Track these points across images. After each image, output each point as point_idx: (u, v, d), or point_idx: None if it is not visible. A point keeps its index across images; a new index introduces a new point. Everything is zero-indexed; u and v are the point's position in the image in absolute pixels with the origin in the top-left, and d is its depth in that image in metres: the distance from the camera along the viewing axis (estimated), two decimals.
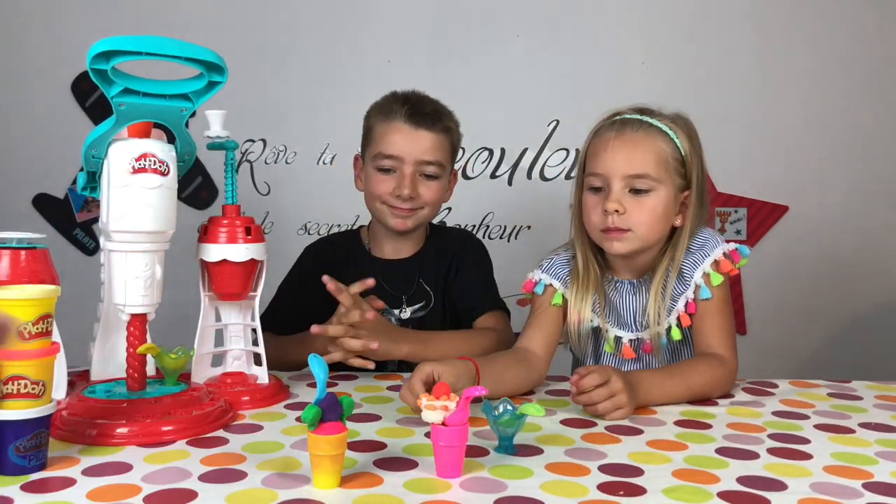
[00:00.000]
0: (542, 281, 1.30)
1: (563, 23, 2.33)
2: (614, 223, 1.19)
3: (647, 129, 1.22)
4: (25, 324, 0.77)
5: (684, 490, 0.77)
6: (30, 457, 0.78)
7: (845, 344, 2.36)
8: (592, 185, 1.23)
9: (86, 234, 2.36)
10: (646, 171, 1.19)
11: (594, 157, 1.23)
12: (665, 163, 1.20)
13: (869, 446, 0.93)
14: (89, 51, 0.86)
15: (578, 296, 1.27)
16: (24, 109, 2.33)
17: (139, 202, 0.93)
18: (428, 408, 0.81)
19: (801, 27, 2.32)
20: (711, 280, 1.20)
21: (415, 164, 1.38)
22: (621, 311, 1.28)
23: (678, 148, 1.22)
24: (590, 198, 1.23)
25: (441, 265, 1.47)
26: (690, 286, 1.21)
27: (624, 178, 1.19)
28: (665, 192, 1.20)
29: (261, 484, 0.77)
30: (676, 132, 1.22)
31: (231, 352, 1.16)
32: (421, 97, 1.42)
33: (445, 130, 1.40)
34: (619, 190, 1.19)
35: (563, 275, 1.30)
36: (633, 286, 1.28)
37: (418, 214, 1.41)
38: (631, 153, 1.20)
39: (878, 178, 2.35)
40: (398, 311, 1.43)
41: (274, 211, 2.37)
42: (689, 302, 1.21)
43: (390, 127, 1.38)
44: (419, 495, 0.74)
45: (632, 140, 1.20)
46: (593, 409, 1.02)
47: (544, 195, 2.35)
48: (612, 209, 1.18)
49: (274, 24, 2.33)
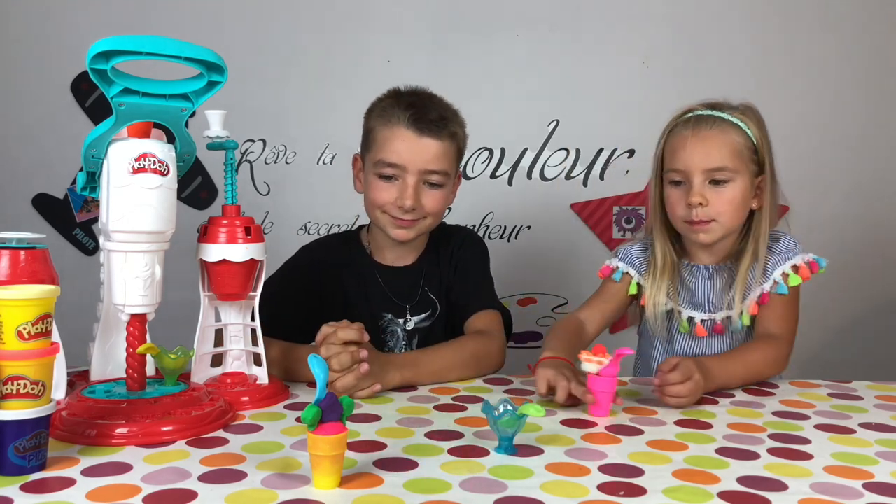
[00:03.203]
0: (620, 269, 1.40)
1: (563, 23, 2.33)
2: (698, 215, 1.29)
3: (720, 124, 1.30)
4: (25, 324, 0.76)
5: (684, 490, 0.77)
6: (29, 457, 0.78)
7: (845, 344, 2.36)
8: (673, 180, 1.33)
9: (85, 234, 2.36)
10: (723, 164, 1.28)
11: (673, 154, 1.32)
12: (739, 153, 1.30)
13: (869, 446, 0.93)
14: (89, 51, 0.86)
15: (654, 284, 1.37)
16: (24, 109, 2.33)
17: (139, 202, 0.93)
18: (586, 360, 1.04)
19: (799, 27, 2.32)
20: (790, 280, 1.31)
21: (418, 174, 1.31)
22: (696, 294, 1.38)
23: (750, 137, 1.31)
24: (673, 192, 1.33)
25: (443, 269, 1.43)
26: (769, 281, 1.32)
27: (703, 171, 1.29)
28: (742, 180, 1.30)
29: (260, 484, 0.77)
30: (747, 123, 1.31)
31: (231, 352, 1.15)
32: (425, 100, 1.35)
33: (451, 136, 1.34)
34: (700, 183, 1.29)
35: (639, 263, 1.41)
36: (709, 270, 1.37)
37: (421, 224, 1.36)
38: (707, 148, 1.29)
39: (877, 177, 2.35)
40: (403, 321, 1.39)
41: (274, 211, 2.37)
42: (764, 294, 1.32)
43: (393, 133, 1.31)
44: (419, 495, 0.74)
45: (707, 136, 1.29)
46: (676, 402, 1.08)
47: (544, 195, 2.35)
48: (695, 202, 1.28)
49: (274, 25, 2.34)
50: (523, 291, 2.32)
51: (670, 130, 1.34)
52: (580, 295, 2.37)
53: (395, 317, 1.39)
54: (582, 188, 2.35)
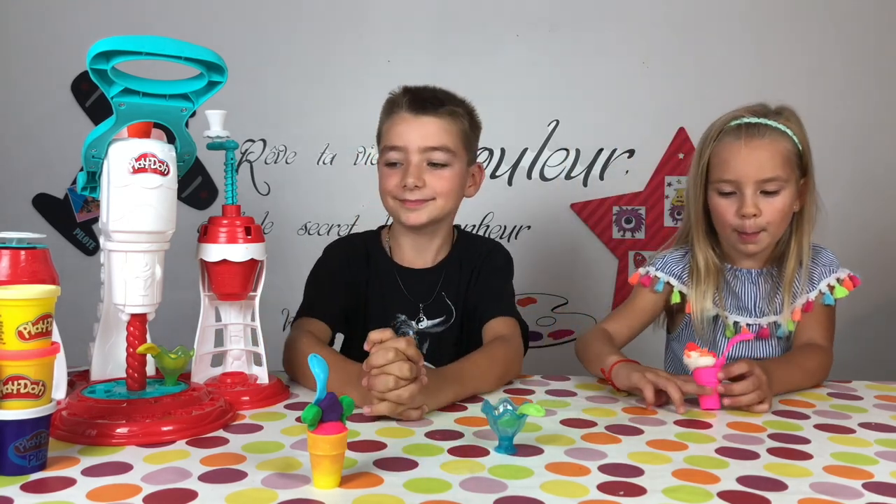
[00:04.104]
0: (661, 279, 1.39)
1: (563, 23, 2.33)
2: (751, 226, 1.29)
3: (770, 134, 1.30)
4: (25, 324, 0.76)
5: (684, 490, 0.77)
6: (30, 457, 0.78)
7: (845, 344, 2.35)
8: (723, 191, 1.32)
9: (86, 234, 2.36)
10: (775, 174, 1.28)
11: (724, 164, 1.31)
12: (789, 161, 1.30)
13: (869, 446, 0.93)
14: (89, 51, 0.86)
15: (699, 292, 1.36)
16: (24, 109, 2.33)
17: (139, 202, 0.93)
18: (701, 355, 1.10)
19: (800, 27, 2.32)
20: (836, 292, 1.34)
21: (420, 153, 1.31)
22: (742, 298, 1.37)
23: (796, 144, 1.31)
24: (721, 202, 1.32)
25: (463, 276, 1.39)
26: (815, 290, 1.34)
27: (756, 182, 1.28)
28: (790, 187, 1.31)
29: (261, 484, 0.77)
30: (792, 129, 1.31)
31: (231, 352, 1.16)
32: (426, 87, 1.37)
33: (451, 114, 1.33)
34: (753, 194, 1.29)
35: (679, 271, 1.40)
36: (752, 275, 1.38)
37: (430, 206, 1.33)
38: (760, 159, 1.28)
39: (877, 177, 2.35)
40: (415, 322, 1.38)
41: (274, 211, 2.37)
42: (809, 302, 1.34)
43: (394, 119, 1.34)
44: (419, 495, 0.74)
45: (759, 146, 1.29)
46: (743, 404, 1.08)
47: (544, 195, 2.35)
48: (750, 213, 1.28)
49: (274, 24, 2.34)
50: (523, 291, 2.31)
51: (717, 139, 1.33)
52: (580, 295, 2.40)
53: (409, 318, 1.38)
54: (582, 188, 2.35)
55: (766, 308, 1.36)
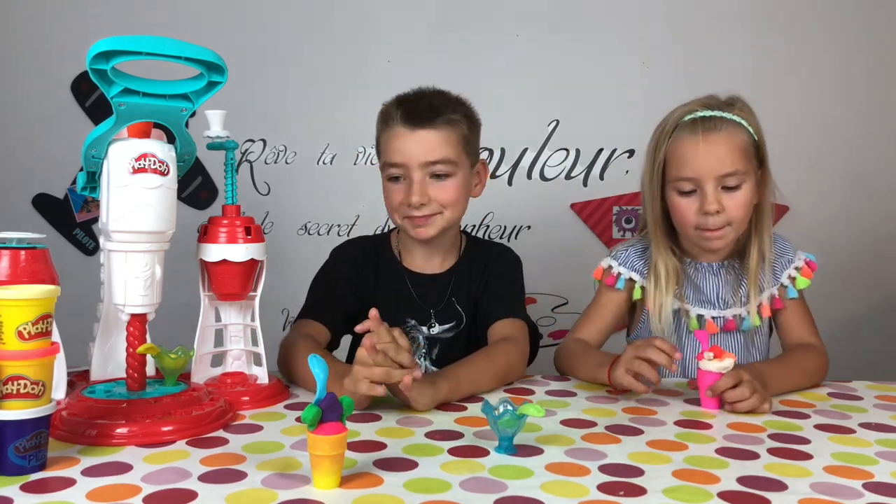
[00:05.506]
0: (623, 276, 1.36)
1: (563, 23, 2.33)
2: (715, 223, 1.26)
3: (727, 126, 1.26)
4: (25, 324, 0.76)
5: (684, 490, 0.77)
6: (29, 457, 0.78)
7: (845, 344, 2.35)
8: (683, 190, 1.28)
9: (86, 234, 2.36)
10: (736, 168, 1.25)
11: (682, 161, 1.27)
12: (748, 153, 1.27)
13: (869, 446, 0.93)
14: (89, 51, 0.86)
15: (659, 289, 1.33)
16: (24, 109, 2.33)
17: (139, 202, 0.93)
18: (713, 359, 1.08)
19: (799, 27, 2.32)
20: (798, 283, 1.33)
21: (421, 168, 1.28)
22: (705, 291, 1.35)
23: (752, 134, 1.28)
24: (682, 201, 1.29)
25: (473, 281, 1.38)
26: (777, 284, 1.33)
27: (717, 178, 1.25)
28: (750, 180, 1.28)
29: (261, 484, 0.77)
30: (747, 119, 1.28)
31: (231, 352, 1.16)
32: (418, 95, 1.32)
33: (449, 123, 1.29)
34: (714, 190, 1.25)
35: (640, 266, 1.37)
36: (714, 267, 1.36)
37: (438, 220, 1.31)
38: (719, 154, 1.25)
39: (877, 177, 2.35)
40: (426, 328, 1.37)
41: (274, 211, 2.37)
42: (775, 298, 1.33)
43: (390, 134, 1.30)
44: (419, 495, 0.74)
45: (717, 140, 1.25)
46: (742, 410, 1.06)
47: (544, 195, 2.35)
48: (713, 210, 1.25)
49: (274, 25, 2.34)
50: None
51: (672, 136, 1.28)
52: (580, 295, 2.38)
53: (419, 323, 1.37)
54: (582, 188, 2.35)
55: (731, 299, 1.34)
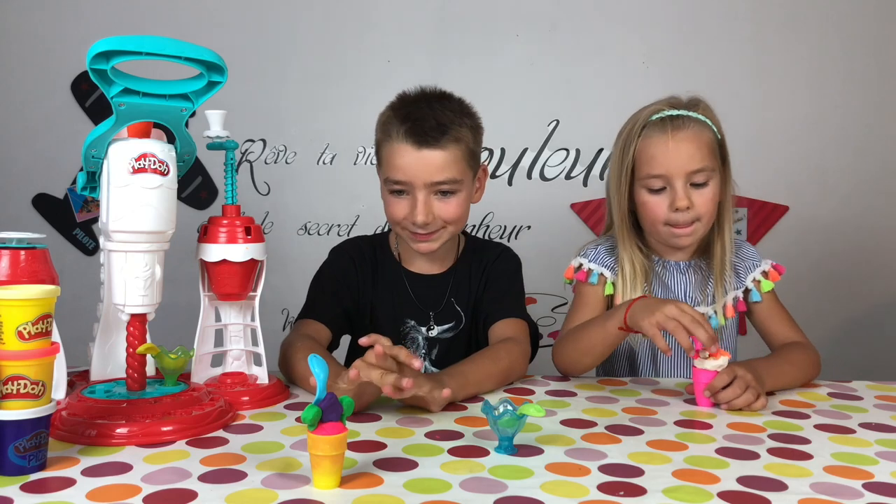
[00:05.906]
0: (595, 271, 1.38)
1: (563, 23, 2.33)
2: (684, 219, 1.28)
3: (693, 125, 1.29)
4: (25, 324, 0.76)
5: (684, 490, 0.77)
6: (29, 457, 0.78)
7: (845, 344, 2.36)
8: (652, 188, 1.30)
9: (85, 234, 2.36)
10: (703, 165, 1.28)
11: (651, 159, 1.29)
12: (713, 151, 1.30)
13: (869, 446, 0.93)
14: (89, 51, 0.86)
15: (626, 286, 1.34)
16: (24, 109, 2.34)
17: (139, 202, 0.93)
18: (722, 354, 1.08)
19: (800, 27, 2.32)
20: (762, 286, 1.35)
21: (426, 187, 1.24)
22: (672, 288, 1.38)
23: (716, 133, 1.32)
24: (651, 199, 1.31)
25: (473, 282, 1.38)
26: (742, 286, 1.36)
27: (686, 174, 1.28)
28: (717, 176, 1.31)
29: (261, 484, 0.77)
30: (710, 118, 1.32)
31: (231, 352, 1.16)
32: (423, 108, 1.24)
33: (455, 142, 1.24)
34: (683, 187, 1.28)
35: (611, 263, 1.38)
36: (682, 266, 1.39)
37: (442, 234, 1.29)
38: (688, 150, 1.28)
39: (877, 178, 2.36)
40: (426, 329, 1.37)
41: (274, 211, 2.37)
42: (739, 301, 1.36)
43: (393, 149, 1.24)
44: (419, 495, 0.74)
45: (685, 138, 1.28)
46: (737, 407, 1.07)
47: (544, 195, 2.35)
48: (683, 206, 1.27)
49: (274, 24, 2.34)
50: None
51: (641, 135, 1.30)
52: None
53: (418, 324, 1.37)
54: (582, 188, 2.35)
55: (699, 297, 1.37)
